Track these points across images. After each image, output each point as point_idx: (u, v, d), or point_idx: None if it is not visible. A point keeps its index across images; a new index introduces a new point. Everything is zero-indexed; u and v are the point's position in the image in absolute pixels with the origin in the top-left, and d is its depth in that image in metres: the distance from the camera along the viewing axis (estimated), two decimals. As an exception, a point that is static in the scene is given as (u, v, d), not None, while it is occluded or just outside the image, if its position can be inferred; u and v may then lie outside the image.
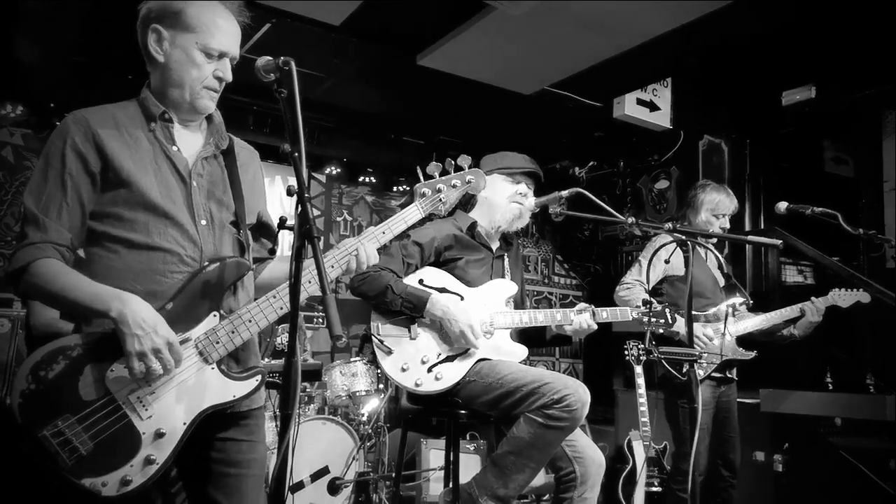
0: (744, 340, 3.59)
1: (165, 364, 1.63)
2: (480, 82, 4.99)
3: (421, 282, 2.68)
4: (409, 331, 2.62)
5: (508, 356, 2.67)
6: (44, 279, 1.64)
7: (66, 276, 1.65)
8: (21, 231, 1.68)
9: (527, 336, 2.92)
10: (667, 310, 2.73)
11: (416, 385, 2.55)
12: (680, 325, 3.51)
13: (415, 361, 2.58)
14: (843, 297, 3.53)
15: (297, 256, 1.51)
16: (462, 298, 2.68)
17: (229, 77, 1.82)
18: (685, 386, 3.34)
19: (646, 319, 2.73)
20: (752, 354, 3.53)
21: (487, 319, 2.68)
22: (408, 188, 7.09)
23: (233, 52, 1.81)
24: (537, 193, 2.96)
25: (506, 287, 2.81)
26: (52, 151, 1.71)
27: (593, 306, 2.74)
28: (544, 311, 2.74)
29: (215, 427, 1.77)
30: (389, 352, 2.59)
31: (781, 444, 4.28)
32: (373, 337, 2.61)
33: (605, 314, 2.75)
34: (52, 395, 1.59)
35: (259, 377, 1.78)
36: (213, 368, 1.73)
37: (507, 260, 2.97)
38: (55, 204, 1.67)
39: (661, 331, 2.77)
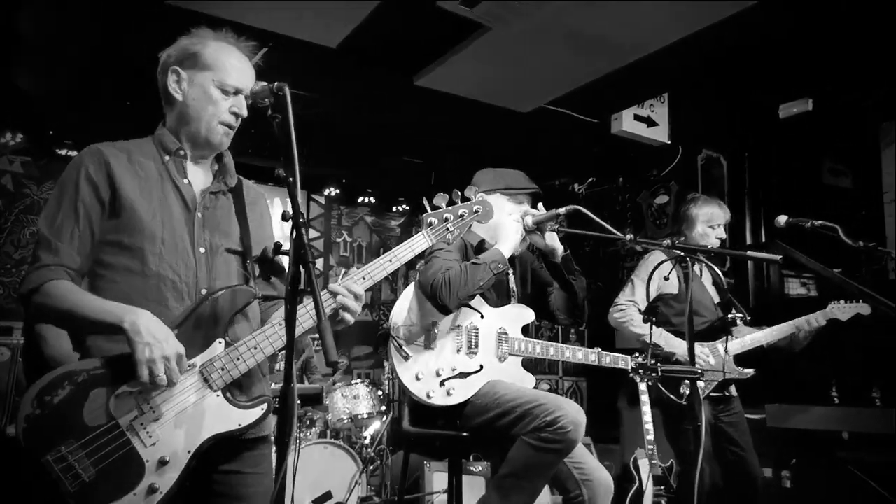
0: (739, 358, 3.51)
1: (171, 376, 1.62)
2: (478, 101, 5.01)
3: None
4: (430, 341, 2.61)
5: (516, 382, 2.67)
6: (55, 298, 1.67)
7: (77, 294, 1.69)
8: (34, 254, 1.74)
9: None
10: (659, 366, 2.68)
11: (428, 397, 2.55)
12: (675, 346, 3.46)
13: (430, 372, 2.58)
14: (842, 310, 3.49)
15: (293, 282, 1.50)
16: (482, 317, 2.69)
17: (244, 112, 1.87)
18: (680, 406, 3.29)
19: (640, 373, 2.72)
20: (750, 373, 3.46)
21: (504, 344, 2.69)
22: (407, 208, 7.09)
23: (247, 90, 1.85)
24: None
25: (524, 314, 2.80)
26: (67, 180, 1.77)
27: (599, 349, 2.80)
28: (555, 346, 2.75)
29: (220, 457, 1.75)
30: (407, 357, 2.58)
31: (789, 459, 4.24)
32: (392, 338, 2.59)
33: (608, 359, 2.81)
34: (57, 421, 1.58)
35: (265, 406, 1.77)
36: (217, 396, 1.71)
37: (511, 277, 2.92)
38: (67, 229, 1.73)
39: (652, 377, 2.72)
